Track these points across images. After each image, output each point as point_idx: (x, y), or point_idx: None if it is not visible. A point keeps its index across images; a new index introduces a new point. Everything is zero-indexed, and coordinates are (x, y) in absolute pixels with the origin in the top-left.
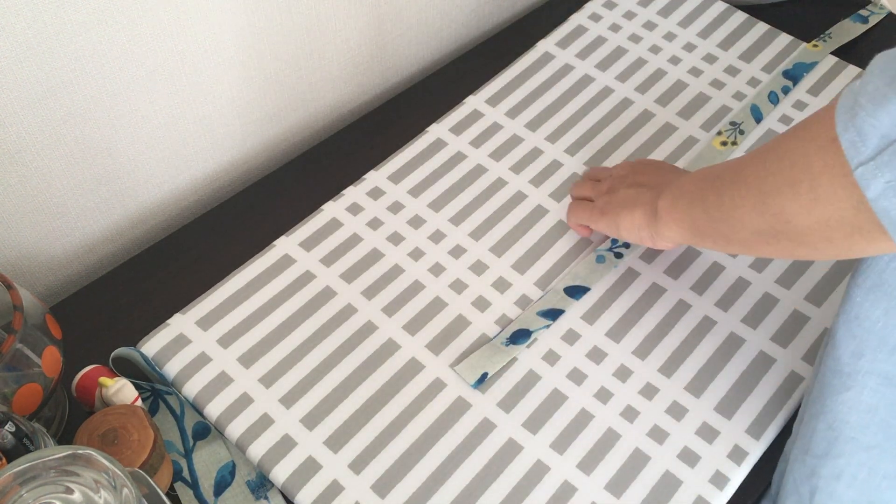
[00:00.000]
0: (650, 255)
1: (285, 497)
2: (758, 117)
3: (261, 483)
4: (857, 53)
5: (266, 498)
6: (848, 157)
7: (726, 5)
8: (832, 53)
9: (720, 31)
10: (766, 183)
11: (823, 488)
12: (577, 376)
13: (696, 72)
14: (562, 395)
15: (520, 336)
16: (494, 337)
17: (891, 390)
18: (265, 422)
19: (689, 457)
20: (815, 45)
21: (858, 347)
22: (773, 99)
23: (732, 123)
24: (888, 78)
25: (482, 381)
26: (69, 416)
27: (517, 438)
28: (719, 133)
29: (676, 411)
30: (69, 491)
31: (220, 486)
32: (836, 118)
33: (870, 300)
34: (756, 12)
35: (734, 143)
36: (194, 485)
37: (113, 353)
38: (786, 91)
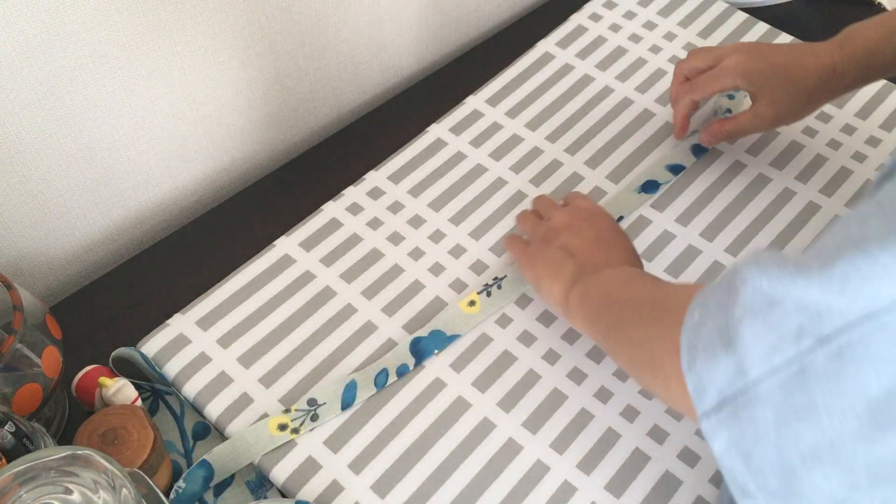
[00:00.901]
0: (649, 254)
1: (283, 496)
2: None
3: (260, 483)
4: None
5: (265, 498)
6: (694, 402)
7: (726, 5)
8: None
9: (720, 32)
10: (638, 355)
11: None
12: (577, 376)
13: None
14: (562, 394)
15: (650, 187)
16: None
17: None
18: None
19: (688, 457)
20: None
21: None
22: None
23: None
24: (718, 326)
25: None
26: (69, 416)
27: (517, 438)
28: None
29: (676, 411)
30: (68, 491)
31: (220, 486)
32: (681, 350)
33: None
34: (756, 12)
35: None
36: None
37: (113, 353)
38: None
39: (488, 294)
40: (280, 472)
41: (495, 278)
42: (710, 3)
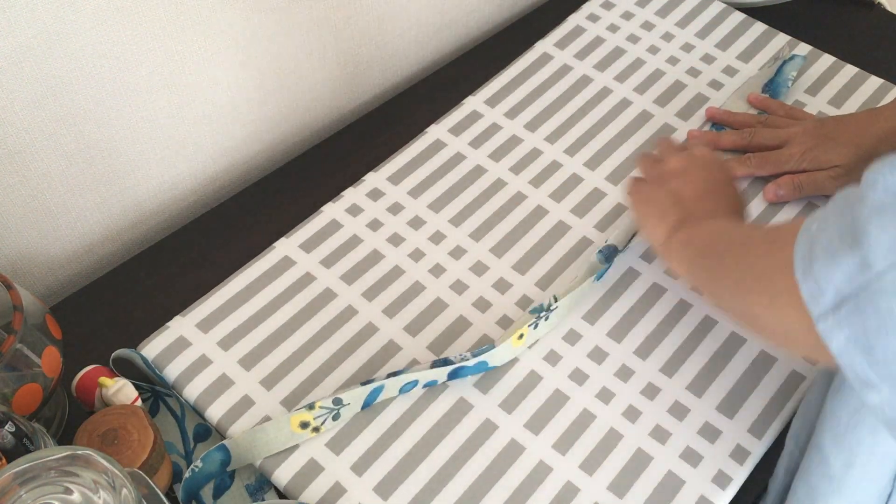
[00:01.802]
0: (650, 255)
1: (281, 496)
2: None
3: (259, 486)
4: (856, 53)
5: (263, 499)
6: (809, 307)
7: (724, 5)
8: (829, 53)
9: (718, 32)
10: (743, 279)
11: None
12: (578, 377)
13: (694, 72)
14: (563, 395)
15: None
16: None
17: (879, 488)
18: None
19: (691, 456)
20: None
21: (849, 459)
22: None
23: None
24: (840, 230)
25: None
26: (69, 416)
27: (519, 439)
28: None
29: (678, 411)
30: (68, 491)
31: (220, 490)
32: (795, 260)
33: (855, 419)
34: (754, 12)
35: None
36: None
37: (113, 354)
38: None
39: (535, 326)
40: (282, 475)
41: (547, 307)
42: (708, 3)
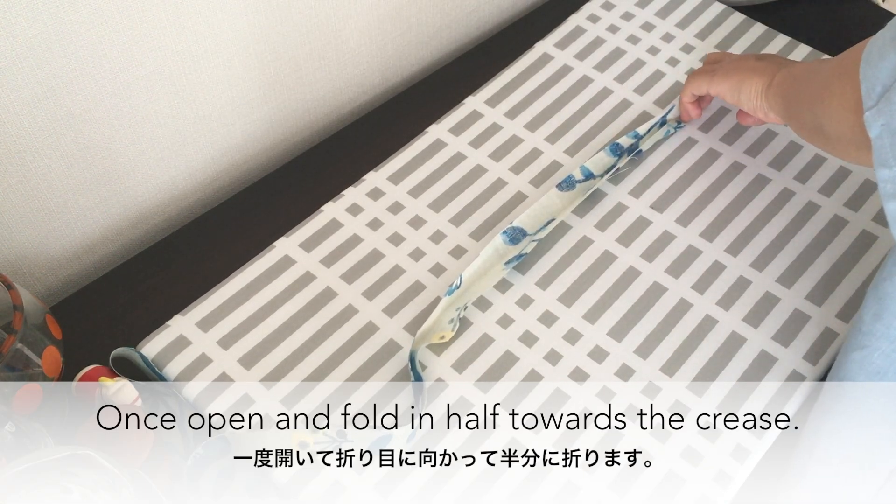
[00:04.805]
0: (650, 254)
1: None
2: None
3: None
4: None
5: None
6: (864, 102)
7: (724, 6)
8: (830, 55)
9: (718, 33)
10: (815, 92)
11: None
12: (579, 375)
13: None
14: (564, 394)
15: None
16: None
17: None
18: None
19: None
20: None
21: (879, 310)
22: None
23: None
24: (892, 35)
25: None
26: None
27: (520, 438)
28: None
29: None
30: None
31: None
32: (861, 62)
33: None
34: (754, 13)
35: None
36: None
37: (112, 353)
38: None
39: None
40: (282, 474)
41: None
42: (708, 3)
